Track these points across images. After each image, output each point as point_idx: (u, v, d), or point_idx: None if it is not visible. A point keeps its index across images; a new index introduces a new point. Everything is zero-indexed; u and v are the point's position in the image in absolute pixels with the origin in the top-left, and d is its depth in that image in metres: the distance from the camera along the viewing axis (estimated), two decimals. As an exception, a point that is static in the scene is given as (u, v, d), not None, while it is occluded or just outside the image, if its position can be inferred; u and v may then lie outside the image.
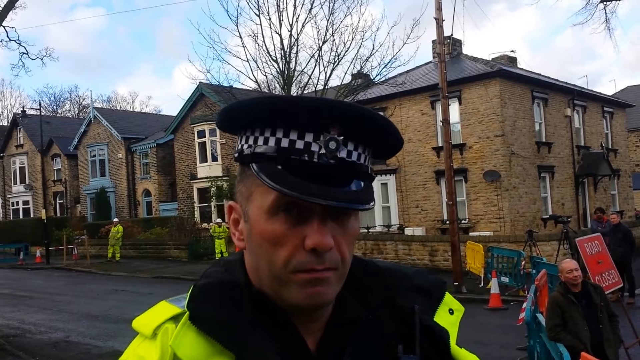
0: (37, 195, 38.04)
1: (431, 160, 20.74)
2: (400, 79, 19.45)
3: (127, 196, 32.77)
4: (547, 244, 15.19)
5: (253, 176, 0.82)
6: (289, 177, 0.77)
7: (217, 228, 21.87)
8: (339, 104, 0.80)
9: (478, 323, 9.54)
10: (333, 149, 0.79)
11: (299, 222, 0.80)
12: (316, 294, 0.80)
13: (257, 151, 0.82)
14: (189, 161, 28.64)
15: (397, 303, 0.90)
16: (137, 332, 0.85)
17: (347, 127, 0.80)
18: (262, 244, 0.81)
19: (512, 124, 19.56)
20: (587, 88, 25.69)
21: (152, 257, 24.73)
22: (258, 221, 0.82)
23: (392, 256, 18.05)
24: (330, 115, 0.79)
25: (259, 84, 19.27)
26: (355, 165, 0.81)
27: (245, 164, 0.84)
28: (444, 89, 13.96)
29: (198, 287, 0.84)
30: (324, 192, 0.77)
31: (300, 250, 0.79)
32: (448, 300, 0.95)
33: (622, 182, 25.41)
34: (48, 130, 35.60)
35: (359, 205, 0.80)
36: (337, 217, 0.81)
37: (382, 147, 0.87)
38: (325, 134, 0.79)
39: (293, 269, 0.79)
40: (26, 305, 14.35)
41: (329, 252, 0.80)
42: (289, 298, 0.81)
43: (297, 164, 0.78)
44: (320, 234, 0.78)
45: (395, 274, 0.94)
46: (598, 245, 10.05)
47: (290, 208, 0.79)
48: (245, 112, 0.83)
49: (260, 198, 0.81)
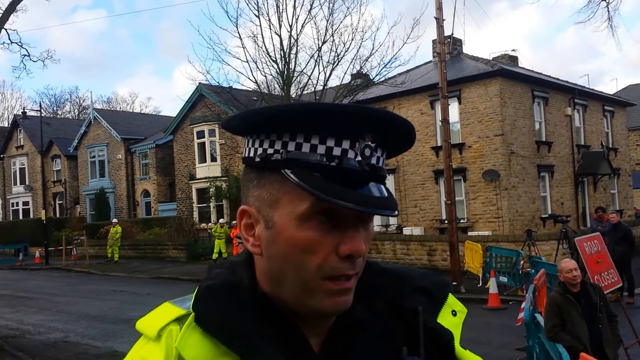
0: (36, 196, 38.08)
1: (430, 159, 20.72)
2: (400, 78, 19.44)
3: (126, 197, 32.79)
4: (546, 243, 15.17)
5: (281, 182, 0.80)
6: (328, 184, 0.77)
7: (218, 228, 21.82)
8: (375, 111, 0.80)
9: (477, 323, 9.51)
10: (368, 155, 0.79)
11: (332, 229, 0.80)
12: (342, 302, 0.82)
13: (290, 157, 0.79)
14: (188, 162, 28.64)
15: (401, 305, 0.90)
16: (141, 333, 0.84)
17: (379, 134, 0.81)
18: (291, 251, 0.80)
19: (512, 123, 19.53)
20: (588, 87, 25.63)
21: (151, 258, 24.76)
22: (287, 228, 0.80)
23: (390, 256, 18.02)
24: (365, 123, 0.79)
25: (259, 85, 19.28)
26: (382, 171, 0.83)
27: (269, 169, 0.82)
28: (443, 89, 13.93)
29: (203, 289, 0.84)
30: (361, 199, 0.77)
31: (332, 257, 0.80)
32: (451, 302, 0.95)
33: (622, 181, 25.38)
34: (48, 131, 35.64)
35: (391, 212, 0.81)
36: (365, 223, 0.82)
37: (398, 150, 0.88)
38: (361, 141, 0.79)
39: (325, 276, 0.80)
40: (25, 305, 14.36)
41: (360, 258, 0.81)
42: (313, 305, 0.81)
43: (335, 170, 0.78)
44: (356, 241, 0.79)
45: (399, 276, 0.95)
46: (597, 244, 10.01)
47: (325, 215, 0.79)
48: (275, 117, 0.81)
49: (290, 205, 0.80)
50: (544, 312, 6.08)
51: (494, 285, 11.68)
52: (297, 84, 19.62)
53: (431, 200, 20.68)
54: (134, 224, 28.75)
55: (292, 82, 19.08)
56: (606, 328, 5.61)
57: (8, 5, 14.33)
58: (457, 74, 19.82)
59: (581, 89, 23.74)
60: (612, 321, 5.75)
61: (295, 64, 18.89)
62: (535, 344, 6.24)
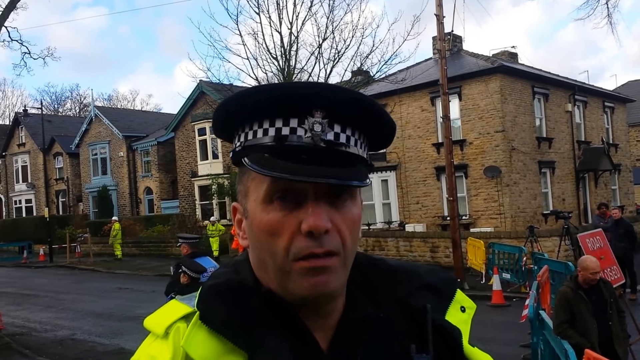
0: (39, 193, 38.12)
1: (431, 156, 20.78)
2: (401, 75, 19.45)
3: (128, 194, 32.83)
4: (548, 239, 15.23)
5: (247, 171, 0.83)
6: (279, 162, 0.78)
7: (210, 226, 21.78)
8: (318, 86, 0.81)
9: (480, 320, 9.57)
10: (319, 131, 0.78)
11: (294, 208, 0.79)
12: (320, 283, 0.79)
13: (247, 145, 0.83)
14: (190, 159, 28.68)
15: (409, 302, 0.89)
16: (149, 330, 0.85)
17: (331, 110, 0.79)
18: (261, 236, 0.81)
19: (513, 119, 19.58)
20: (588, 83, 25.68)
21: (155, 255, 24.79)
22: (255, 214, 0.82)
23: (394, 253, 18.11)
24: (310, 99, 0.79)
25: (259, 82, 19.27)
26: (345, 147, 0.81)
27: (240, 163, 0.84)
28: (444, 85, 13.97)
29: (206, 287, 0.85)
30: (313, 172, 0.76)
31: (298, 236, 0.79)
32: (460, 298, 0.95)
33: (623, 177, 25.44)
34: (49, 129, 35.63)
35: (350, 182, 0.79)
36: (333, 201, 0.80)
37: (375, 132, 0.86)
38: (310, 118, 0.79)
39: (294, 257, 0.79)
40: (31, 303, 14.41)
41: (328, 235, 0.79)
42: (293, 290, 0.80)
43: (285, 149, 0.79)
44: (314, 216, 0.77)
45: (407, 273, 0.94)
46: (600, 240, 10.09)
47: (284, 196, 0.80)
48: (231, 110, 0.84)
49: (255, 191, 0.82)
50: (555, 307, 6.03)
51: (497, 282, 11.72)
52: (298, 80, 19.65)
53: (433, 197, 20.75)
54: (136, 222, 28.78)
55: (292, 79, 19.09)
56: (616, 325, 5.53)
57: (8, 3, 14.35)
58: (458, 70, 19.84)
59: (581, 85, 23.76)
60: (621, 317, 5.68)
61: (295, 60, 18.91)
62: (540, 341, 6.28)
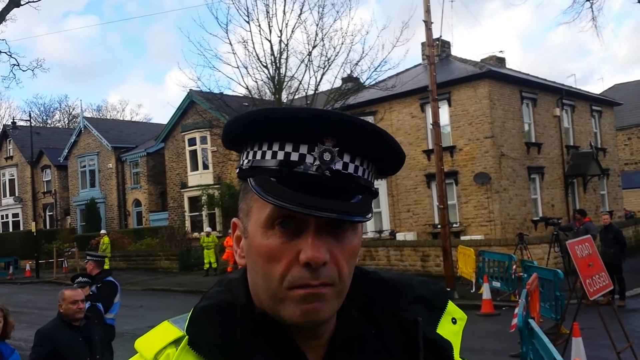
0: (26, 207, 37.75)
1: (422, 163, 20.73)
2: (390, 82, 19.46)
3: (117, 207, 32.55)
4: (538, 246, 15.18)
5: (251, 191, 0.81)
6: (283, 190, 0.76)
7: (205, 238, 21.62)
8: (333, 114, 0.79)
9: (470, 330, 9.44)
10: (328, 160, 0.77)
11: (295, 236, 0.78)
12: (312, 310, 0.78)
13: (254, 165, 0.81)
14: (180, 170, 28.49)
15: (401, 315, 0.89)
16: (137, 351, 0.84)
17: (342, 139, 0.78)
18: (258, 260, 0.80)
19: (502, 125, 19.59)
20: (575, 87, 25.75)
21: (143, 269, 24.57)
22: (255, 236, 0.81)
23: (384, 262, 17.99)
24: (323, 126, 0.78)
25: (250, 90, 19.26)
26: (352, 178, 0.80)
27: (245, 180, 0.83)
28: (433, 92, 13.95)
29: (198, 310, 0.84)
30: (316, 204, 0.75)
31: (295, 265, 0.78)
32: (451, 310, 0.95)
33: (612, 181, 25.47)
34: (38, 141, 35.36)
35: (352, 217, 0.78)
36: (334, 231, 0.80)
37: (383, 161, 0.86)
38: (320, 146, 0.77)
39: (289, 285, 0.78)
40: (17, 321, 13.85)
41: (325, 267, 0.78)
42: (285, 316, 0.79)
43: (291, 176, 0.77)
44: (313, 248, 0.77)
45: (399, 285, 0.93)
46: (588, 247, 9.99)
47: (286, 222, 0.78)
48: (242, 127, 0.82)
49: (257, 213, 0.81)
50: None
51: (487, 290, 11.66)
52: (288, 88, 19.62)
53: (424, 205, 20.67)
54: (125, 235, 28.53)
55: (283, 87, 19.07)
56: None
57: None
58: (447, 76, 19.86)
59: (569, 89, 23.84)
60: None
61: (285, 68, 18.93)
62: (530, 350, 6.20)
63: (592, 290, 8.06)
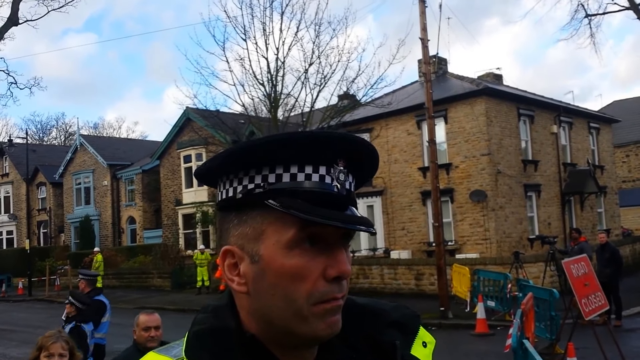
0: (21, 224, 37.55)
1: (417, 180, 20.58)
2: (387, 99, 19.41)
3: (111, 224, 32.37)
4: (533, 265, 14.96)
5: (264, 214, 0.82)
6: (313, 208, 0.79)
7: (199, 255, 21.44)
8: (347, 137, 0.84)
9: (464, 350, 9.26)
10: (343, 180, 0.83)
11: (318, 254, 0.81)
12: (335, 322, 0.82)
13: (273, 188, 0.81)
14: (175, 187, 28.36)
15: (378, 339, 0.92)
16: None
17: (349, 159, 0.84)
18: (280, 281, 0.81)
19: (498, 142, 19.48)
20: (573, 104, 25.66)
21: (135, 287, 24.39)
22: (275, 258, 0.81)
23: (378, 281, 17.73)
24: (338, 148, 0.83)
25: (246, 108, 19.25)
26: (352, 194, 0.86)
27: (250, 205, 0.83)
28: (429, 109, 13.86)
29: (192, 334, 0.86)
30: (347, 218, 0.81)
31: (321, 282, 0.81)
32: (422, 334, 0.97)
33: (609, 199, 25.26)
34: (34, 158, 35.31)
35: (372, 228, 0.84)
36: (346, 246, 0.85)
37: (366, 175, 0.90)
38: (335, 167, 0.82)
39: (315, 301, 0.80)
40: (8, 339, 14.17)
41: (345, 280, 0.83)
42: (307, 332, 0.81)
43: (316, 195, 0.80)
44: (342, 262, 0.81)
45: (375, 311, 0.96)
46: (584, 266, 9.81)
47: (313, 240, 0.81)
48: (255, 152, 0.82)
49: (275, 234, 0.81)
50: None
51: (482, 310, 11.46)
52: (284, 106, 19.62)
53: (419, 223, 20.47)
54: (118, 252, 28.32)
55: (279, 104, 19.04)
56: None
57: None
58: (443, 93, 19.81)
59: (566, 106, 23.76)
60: None
61: (282, 86, 18.91)
62: (522, 373, 6.03)
63: (587, 310, 7.89)
